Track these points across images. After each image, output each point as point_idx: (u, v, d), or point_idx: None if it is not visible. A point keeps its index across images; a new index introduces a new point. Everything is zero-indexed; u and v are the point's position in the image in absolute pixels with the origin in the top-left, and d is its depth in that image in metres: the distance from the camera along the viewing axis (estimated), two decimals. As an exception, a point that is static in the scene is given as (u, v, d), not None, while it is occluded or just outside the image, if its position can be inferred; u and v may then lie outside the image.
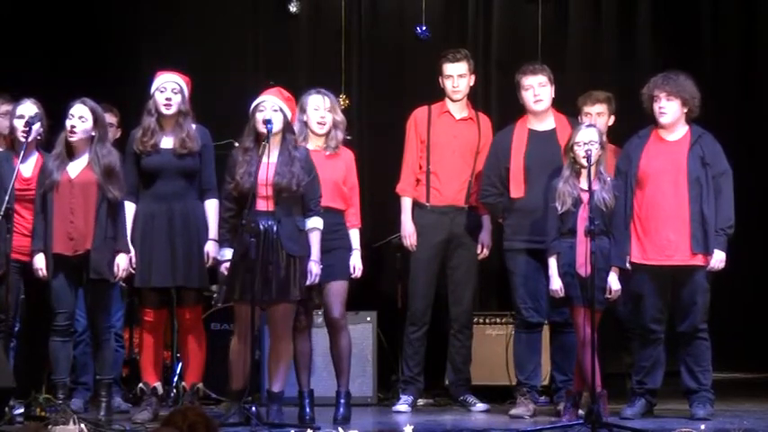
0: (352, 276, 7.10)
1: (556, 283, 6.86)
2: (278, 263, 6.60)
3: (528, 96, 7.41)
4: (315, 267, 6.74)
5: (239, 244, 6.64)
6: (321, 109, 7.08)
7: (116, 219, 6.89)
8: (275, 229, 6.59)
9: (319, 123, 7.07)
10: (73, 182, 6.88)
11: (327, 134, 7.10)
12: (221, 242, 6.81)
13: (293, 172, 6.68)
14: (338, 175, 7.09)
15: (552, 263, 6.88)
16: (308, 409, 6.92)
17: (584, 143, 6.81)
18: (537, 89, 7.39)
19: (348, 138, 7.25)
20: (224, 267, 6.76)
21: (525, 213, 7.26)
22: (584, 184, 6.80)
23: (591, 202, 6.67)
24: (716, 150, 7.09)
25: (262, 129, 6.71)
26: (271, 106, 6.73)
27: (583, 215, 6.75)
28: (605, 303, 6.84)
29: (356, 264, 7.10)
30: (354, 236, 7.15)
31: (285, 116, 6.75)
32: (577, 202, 6.81)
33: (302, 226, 6.74)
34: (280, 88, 6.95)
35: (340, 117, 7.14)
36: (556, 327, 7.45)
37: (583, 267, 6.72)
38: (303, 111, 7.10)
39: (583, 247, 6.70)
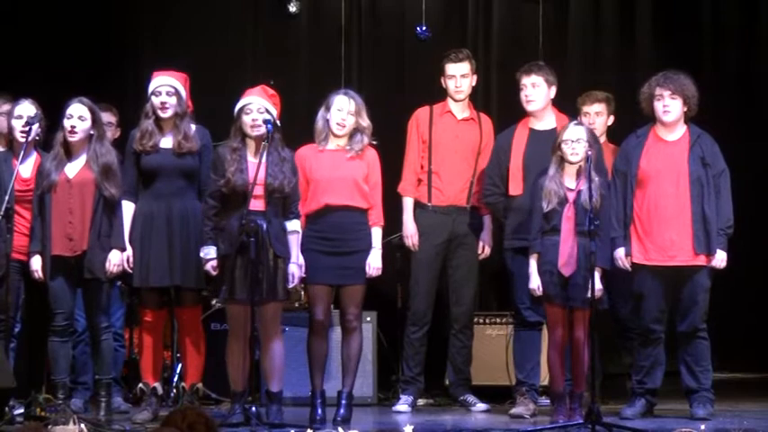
0: (368, 276, 7.03)
1: (534, 282, 6.85)
2: (267, 262, 6.62)
3: (521, 96, 7.42)
4: (296, 270, 6.77)
5: (232, 243, 6.64)
6: (344, 111, 6.99)
7: (112, 217, 6.89)
8: (265, 228, 6.60)
9: (339, 125, 6.98)
10: (71, 182, 6.88)
11: (351, 137, 7.02)
12: (205, 240, 6.76)
13: (284, 173, 6.70)
14: (358, 173, 7.00)
15: (531, 262, 6.87)
16: (319, 410, 6.91)
17: (572, 141, 6.80)
18: (528, 89, 7.39)
19: (374, 143, 7.19)
20: (210, 266, 6.74)
21: (523, 212, 7.25)
22: (569, 182, 6.80)
23: (588, 201, 6.66)
24: (715, 150, 7.10)
25: (249, 131, 6.72)
26: (257, 108, 6.74)
27: (567, 214, 6.75)
28: (588, 303, 6.79)
29: (372, 262, 7.01)
30: (376, 234, 7.07)
31: (272, 116, 6.76)
32: (563, 200, 6.80)
33: (285, 227, 6.77)
34: (263, 87, 6.94)
35: (366, 122, 7.02)
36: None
37: (564, 267, 6.72)
38: (327, 109, 7.05)
39: (566, 246, 6.70)
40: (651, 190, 7.05)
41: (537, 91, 7.38)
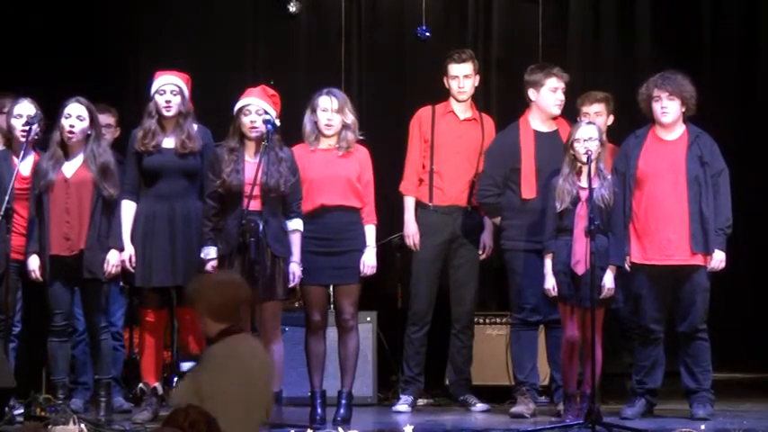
0: (362, 275, 7.04)
1: (549, 282, 6.87)
2: (264, 262, 6.62)
3: (552, 98, 7.39)
4: (297, 269, 6.77)
5: (229, 243, 6.64)
6: (329, 111, 7.02)
7: (111, 217, 6.89)
8: (261, 228, 6.59)
9: (327, 125, 7.02)
10: (69, 181, 6.87)
11: (338, 135, 7.05)
12: (205, 241, 6.77)
13: (281, 172, 6.71)
14: (351, 172, 7.02)
15: (547, 262, 6.89)
16: (319, 410, 6.94)
17: (584, 140, 6.81)
18: (560, 94, 7.41)
19: (361, 137, 7.19)
20: (210, 266, 6.74)
21: (536, 214, 7.23)
22: (583, 181, 6.81)
23: (591, 201, 6.67)
24: (713, 150, 7.11)
25: (248, 132, 6.74)
26: (256, 110, 6.75)
27: (580, 213, 6.76)
28: (600, 303, 6.81)
29: (366, 261, 7.02)
30: (370, 232, 7.08)
31: (271, 117, 6.76)
32: (576, 199, 6.81)
33: (285, 227, 6.77)
34: (263, 87, 6.95)
35: (350, 119, 7.05)
36: (551, 324, 7.42)
37: (578, 265, 6.73)
38: (314, 111, 7.06)
39: (579, 244, 6.72)
40: (649, 190, 7.05)
41: (563, 96, 7.42)
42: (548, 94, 7.41)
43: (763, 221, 9.25)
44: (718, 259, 7.02)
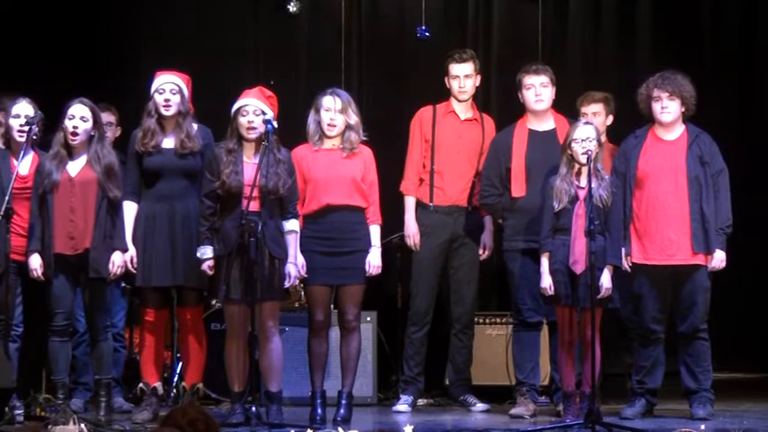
0: (368, 275, 7.02)
1: (546, 281, 6.86)
2: (263, 263, 6.62)
3: (529, 96, 7.42)
4: (293, 270, 6.77)
5: (226, 244, 6.64)
6: (332, 111, 7.00)
7: (115, 218, 6.90)
8: (260, 229, 6.59)
9: (329, 125, 7.01)
10: (73, 181, 6.88)
11: (342, 135, 7.04)
12: (201, 240, 6.77)
13: (279, 174, 6.71)
14: (356, 172, 7.01)
15: (543, 261, 6.88)
16: (319, 410, 6.93)
17: (582, 140, 6.81)
18: (538, 89, 7.40)
19: (365, 138, 7.16)
20: (206, 266, 6.74)
21: (526, 213, 7.26)
22: (582, 181, 6.81)
23: (590, 201, 6.66)
24: (713, 149, 7.11)
25: (245, 133, 6.74)
26: (253, 110, 6.74)
27: (578, 212, 6.76)
28: (597, 303, 6.80)
29: (372, 260, 7.00)
30: (375, 232, 7.07)
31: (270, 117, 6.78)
32: (574, 199, 6.81)
33: (282, 228, 6.77)
34: (261, 87, 6.95)
35: (354, 119, 7.01)
36: (554, 325, 7.41)
37: (576, 264, 6.73)
38: (317, 111, 7.06)
39: (578, 243, 6.71)
40: (650, 189, 7.05)
41: (546, 90, 7.40)
42: (526, 93, 7.42)
43: (762, 221, 9.26)
44: (719, 259, 7.02)
